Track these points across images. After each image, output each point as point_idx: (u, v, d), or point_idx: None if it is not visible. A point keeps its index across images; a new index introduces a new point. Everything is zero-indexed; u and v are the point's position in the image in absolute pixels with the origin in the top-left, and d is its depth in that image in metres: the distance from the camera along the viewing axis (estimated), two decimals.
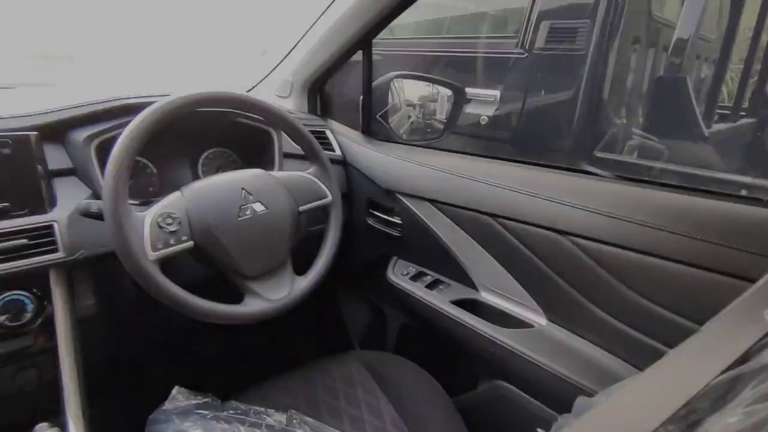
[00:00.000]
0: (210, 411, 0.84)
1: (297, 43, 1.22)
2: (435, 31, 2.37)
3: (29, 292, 0.70)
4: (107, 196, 0.65)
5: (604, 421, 0.35)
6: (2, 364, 0.71)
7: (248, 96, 0.83)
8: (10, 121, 0.76)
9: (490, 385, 0.95)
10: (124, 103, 0.85)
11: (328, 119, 1.29)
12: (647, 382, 0.39)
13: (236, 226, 0.76)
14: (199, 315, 0.71)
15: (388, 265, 1.13)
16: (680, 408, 0.32)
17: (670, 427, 0.31)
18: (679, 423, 0.32)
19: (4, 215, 0.71)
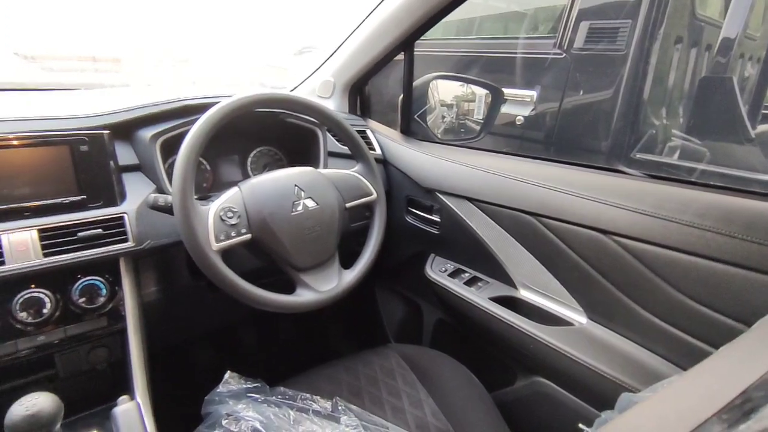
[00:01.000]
0: (260, 395, 0.89)
1: (339, 45, 1.26)
2: (464, 32, 2.38)
3: (103, 278, 0.76)
4: (177, 191, 0.70)
5: (651, 415, 0.36)
6: (78, 343, 0.77)
7: (302, 98, 0.87)
8: (86, 120, 0.82)
9: (529, 381, 0.96)
10: (186, 103, 0.90)
11: (367, 119, 1.33)
12: (695, 378, 0.40)
13: (290, 220, 0.80)
14: (256, 303, 0.75)
15: (426, 261, 1.16)
16: (729, 403, 0.33)
17: (717, 423, 0.32)
18: (728, 417, 0.32)
19: (82, 207, 0.77)
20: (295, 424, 0.83)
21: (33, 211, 0.73)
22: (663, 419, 0.34)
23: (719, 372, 0.40)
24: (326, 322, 1.46)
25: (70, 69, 2.60)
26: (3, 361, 0.70)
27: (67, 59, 2.68)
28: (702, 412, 0.32)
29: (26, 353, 0.72)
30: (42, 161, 0.75)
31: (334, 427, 0.84)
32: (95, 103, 0.92)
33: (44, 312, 0.71)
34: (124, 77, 2.83)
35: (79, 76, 2.66)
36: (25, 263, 0.69)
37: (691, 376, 0.41)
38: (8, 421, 0.53)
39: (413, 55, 1.16)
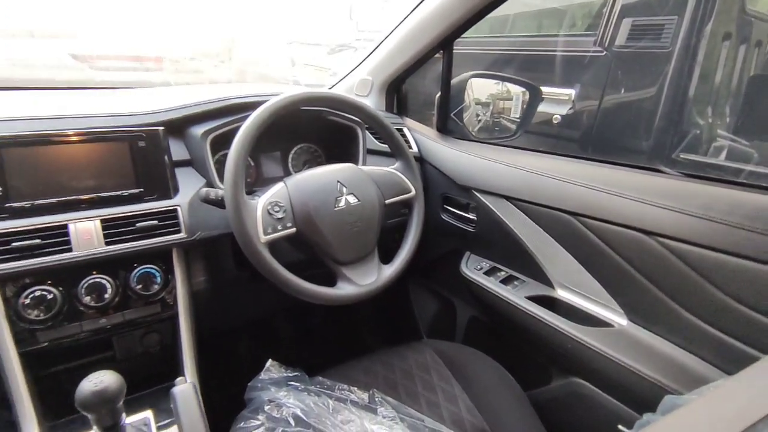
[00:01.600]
0: (300, 383, 0.92)
1: (378, 45, 1.28)
2: (497, 30, 2.35)
3: (157, 266, 0.81)
4: (229, 185, 0.73)
5: (697, 418, 0.35)
6: (133, 327, 0.82)
7: (346, 96, 0.89)
8: (142, 118, 0.87)
9: (565, 382, 0.96)
10: (235, 102, 0.94)
11: (404, 117, 1.35)
12: (743, 382, 0.40)
13: (333, 215, 0.82)
14: (300, 294, 0.78)
15: (461, 259, 1.17)
16: None
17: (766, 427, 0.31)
18: None
19: (139, 199, 0.82)
20: (334, 412, 0.86)
21: (96, 202, 0.78)
22: (710, 422, 0.34)
23: (765, 380, 0.40)
24: (359, 316, 1.49)
25: (117, 68, 2.73)
26: (68, 341, 0.75)
27: (114, 59, 2.81)
28: (750, 416, 0.31)
29: (89, 335, 0.77)
30: (104, 156, 0.80)
31: (371, 417, 0.86)
32: (149, 101, 0.97)
33: (105, 297, 0.76)
34: (166, 75, 2.95)
35: (125, 75, 2.79)
36: (90, 251, 0.74)
37: (739, 380, 0.40)
38: (78, 394, 0.57)
39: (452, 54, 1.16)
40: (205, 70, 3.66)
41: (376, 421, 0.86)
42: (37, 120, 0.81)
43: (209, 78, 3.72)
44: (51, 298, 0.71)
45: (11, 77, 2.35)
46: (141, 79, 2.81)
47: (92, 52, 2.61)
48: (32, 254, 0.70)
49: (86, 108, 0.88)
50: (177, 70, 3.25)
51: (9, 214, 0.71)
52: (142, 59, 2.83)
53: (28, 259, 0.70)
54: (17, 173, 0.72)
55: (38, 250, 0.71)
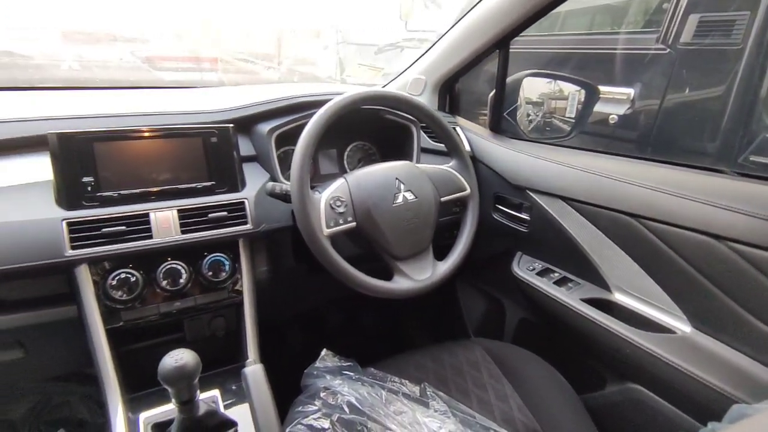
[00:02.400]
0: (354, 373, 0.95)
1: (433, 44, 1.30)
2: (546, 28, 2.30)
3: (225, 255, 0.86)
4: (295, 180, 0.77)
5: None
6: (202, 312, 0.88)
7: (405, 95, 0.91)
8: (214, 115, 0.93)
9: (622, 387, 0.94)
10: (300, 101, 0.98)
11: (455, 116, 1.35)
12: None
13: (391, 211, 0.85)
14: (360, 287, 0.81)
15: (513, 259, 1.16)
16: None
17: None
18: None
19: (211, 192, 0.87)
20: (386, 403, 0.88)
21: (173, 193, 0.84)
22: None
23: None
24: (406, 312, 1.51)
25: (178, 69, 2.88)
26: (146, 321, 0.82)
27: (175, 60, 2.97)
28: None
29: (164, 316, 0.83)
30: (180, 150, 0.86)
31: (423, 410, 0.88)
32: (216, 100, 1.03)
33: (180, 282, 0.81)
34: (222, 76, 3.08)
35: (185, 75, 2.95)
36: (168, 238, 0.80)
37: None
38: (161, 369, 0.62)
39: (508, 54, 1.16)
40: (259, 71, 3.80)
41: (428, 414, 0.87)
42: (122, 117, 0.88)
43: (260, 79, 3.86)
44: (133, 280, 0.78)
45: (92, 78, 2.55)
46: (198, 79, 2.96)
47: (157, 54, 2.78)
48: (118, 240, 0.77)
49: (162, 106, 0.95)
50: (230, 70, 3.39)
51: (99, 203, 0.78)
52: (200, 60, 2.98)
53: (115, 244, 0.77)
54: (106, 165, 0.79)
55: (123, 236, 0.77)
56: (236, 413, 0.77)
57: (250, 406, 0.62)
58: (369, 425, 0.83)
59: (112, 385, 0.76)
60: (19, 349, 0.83)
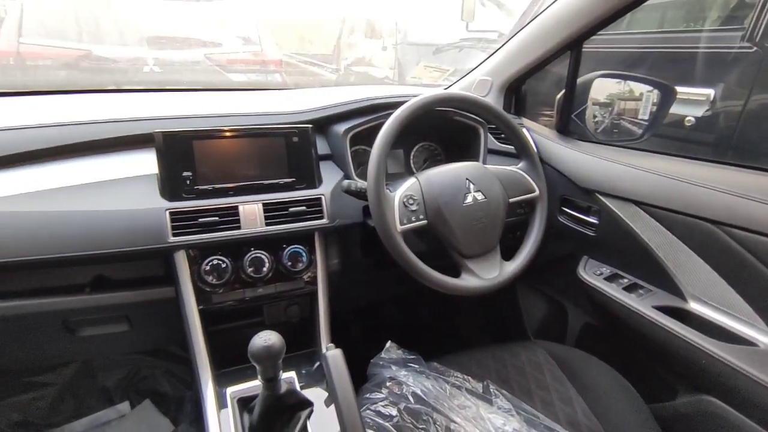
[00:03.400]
0: (418, 366, 0.98)
1: (500, 46, 1.30)
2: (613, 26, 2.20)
3: (303, 247, 0.92)
4: (372, 178, 0.81)
5: None
6: (280, 299, 0.95)
7: (478, 97, 0.94)
8: (295, 116, 1.00)
9: (695, 399, 0.91)
10: (375, 102, 1.03)
11: (521, 117, 1.35)
12: None
13: (461, 210, 0.87)
14: (430, 282, 0.84)
15: (579, 263, 1.15)
16: None
17: None
18: None
19: (291, 188, 0.94)
20: (450, 397, 0.91)
21: (259, 188, 0.91)
22: None
23: None
24: (463, 310, 1.53)
25: (245, 71, 3.05)
26: (232, 304, 0.89)
27: (243, 62, 3.14)
28: None
29: (247, 301, 0.90)
30: (265, 148, 0.93)
31: (486, 407, 0.90)
32: (293, 102, 1.10)
33: (263, 270, 0.88)
34: (285, 77, 3.23)
35: (251, 76, 3.12)
36: (254, 229, 0.87)
37: None
38: (251, 348, 0.68)
39: (581, 55, 1.14)
40: (318, 72, 3.94)
41: (492, 411, 0.89)
42: (215, 117, 0.97)
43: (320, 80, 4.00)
44: (224, 267, 0.85)
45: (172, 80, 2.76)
46: (264, 80, 3.12)
47: (228, 57, 2.95)
48: (211, 229, 0.85)
49: (245, 107, 1.03)
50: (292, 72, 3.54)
51: (196, 195, 0.86)
52: (266, 63, 3.13)
53: (209, 233, 0.84)
54: (203, 161, 0.87)
55: (216, 226, 0.85)
56: (311, 395, 0.82)
57: (330, 388, 0.67)
58: (434, 416, 0.86)
59: (204, 361, 0.84)
60: (126, 323, 0.93)
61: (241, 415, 0.80)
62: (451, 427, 0.85)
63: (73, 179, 0.85)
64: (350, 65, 4.57)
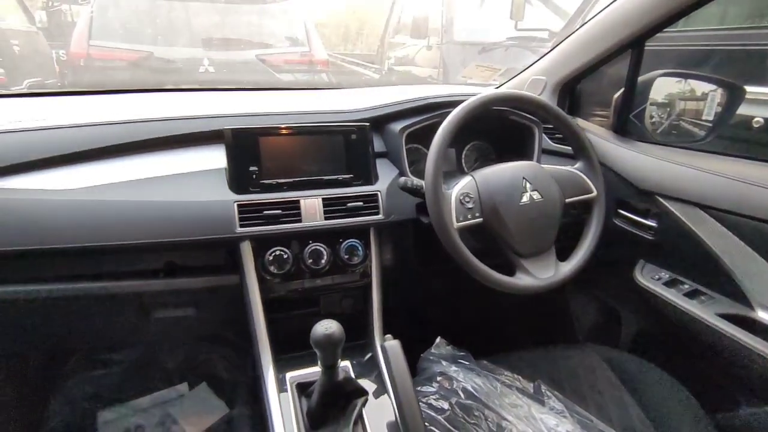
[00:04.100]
0: (468, 362, 0.99)
1: (557, 44, 1.28)
2: None
3: (359, 241, 0.95)
4: (429, 176, 0.83)
5: None
6: (335, 291, 0.98)
7: (536, 97, 0.93)
8: (352, 114, 1.03)
9: (760, 410, 0.87)
10: (431, 101, 1.05)
11: (576, 118, 1.32)
12: None
13: (517, 209, 0.87)
14: (484, 279, 0.85)
15: (635, 267, 1.12)
16: None
17: None
18: None
19: (349, 184, 0.97)
20: (501, 395, 0.92)
21: (319, 184, 0.95)
22: None
23: None
24: (510, 310, 1.51)
25: (294, 71, 3.14)
26: (292, 294, 0.93)
27: (291, 62, 3.24)
28: None
29: (306, 291, 0.94)
30: (325, 146, 0.96)
31: (538, 407, 0.90)
32: (349, 101, 1.13)
33: (322, 262, 0.92)
34: (331, 77, 3.30)
35: (299, 76, 3.21)
36: (314, 223, 0.91)
37: None
38: (313, 335, 0.71)
39: (642, 54, 1.11)
40: (362, 72, 4.00)
41: (544, 411, 0.89)
42: (277, 115, 1.01)
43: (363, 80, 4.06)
44: (285, 258, 0.90)
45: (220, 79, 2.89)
46: (311, 79, 3.21)
47: (276, 57, 3.05)
48: (275, 221, 0.89)
49: (303, 106, 1.07)
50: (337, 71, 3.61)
51: (261, 188, 0.91)
52: (313, 63, 3.21)
53: (272, 225, 0.89)
54: (268, 156, 0.92)
55: (279, 219, 0.89)
56: (363, 385, 0.85)
57: (389, 377, 0.69)
58: (485, 413, 0.87)
59: (265, 346, 0.89)
60: (193, 307, 1.00)
61: (299, 400, 0.83)
62: (502, 424, 0.85)
63: (148, 172, 0.91)
64: (393, 65, 4.60)
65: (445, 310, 1.48)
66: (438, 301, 1.47)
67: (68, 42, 3.10)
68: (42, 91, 1.31)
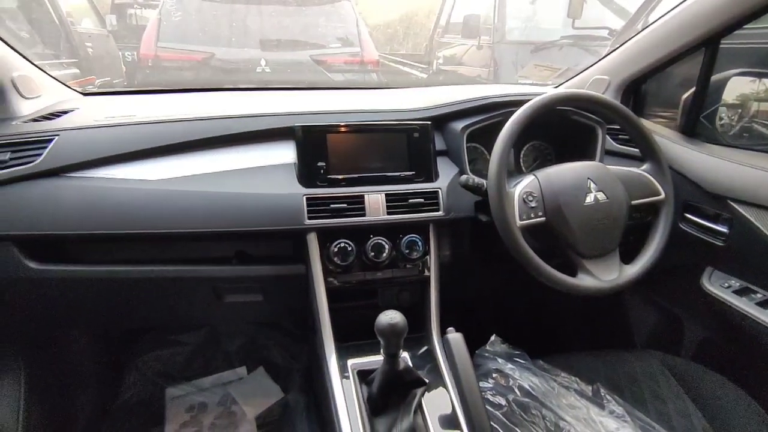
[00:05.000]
0: (524, 361, 1.00)
1: (621, 44, 1.25)
2: None
3: (419, 236, 0.97)
4: (493, 174, 0.84)
5: None
6: (394, 284, 1.01)
7: (604, 96, 0.92)
8: (415, 113, 1.05)
9: None
10: (492, 101, 1.06)
11: (639, 118, 1.29)
12: None
13: (582, 210, 0.87)
14: (546, 278, 0.85)
15: (702, 274, 1.08)
16: None
17: None
18: None
19: (410, 181, 0.99)
20: (558, 396, 0.91)
21: (381, 180, 0.98)
22: None
23: None
24: (563, 311, 1.49)
25: (344, 70, 3.21)
26: (353, 285, 0.97)
27: (343, 62, 3.31)
28: None
29: (366, 283, 0.98)
30: (388, 143, 1.00)
31: (597, 411, 0.89)
32: (408, 100, 1.15)
33: (383, 255, 0.95)
34: (382, 77, 3.34)
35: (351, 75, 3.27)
36: (377, 217, 0.94)
37: None
38: (378, 324, 0.74)
39: (717, 52, 1.07)
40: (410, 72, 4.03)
41: (603, 415, 0.88)
42: (342, 113, 1.05)
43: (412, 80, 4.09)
44: (349, 250, 0.93)
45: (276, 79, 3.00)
46: (362, 79, 3.27)
47: (329, 58, 3.14)
48: (340, 215, 0.93)
49: (366, 104, 1.10)
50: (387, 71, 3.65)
51: (328, 183, 0.95)
52: (364, 63, 3.27)
53: (338, 218, 0.93)
54: (335, 153, 0.96)
55: (344, 212, 0.93)
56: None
57: (453, 370, 0.71)
58: (543, 412, 0.87)
59: (328, 333, 0.93)
60: (261, 293, 1.06)
61: (360, 386, 0.87)
62: (560, 424, 0.86)
63: (223, 166, 0.98)
64: (441, 65, 4.60)
65: (498, 308, 1.48)
66: (491, 299, 1.47)
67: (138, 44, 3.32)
68: (126, 90, 1.42)
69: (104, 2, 4.98)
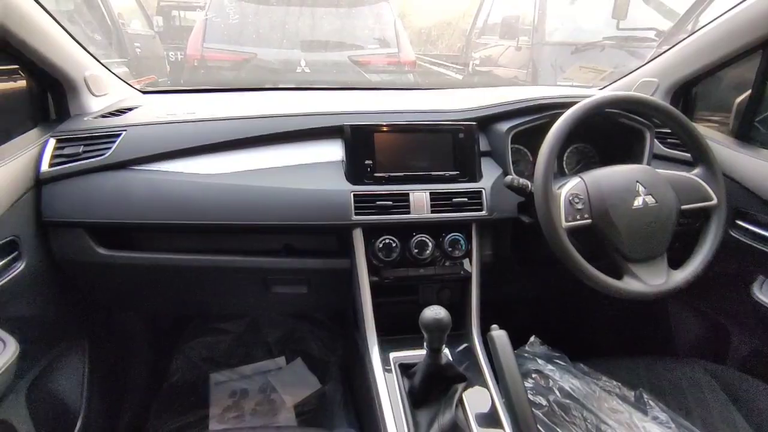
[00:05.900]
0: (564, 363, 1.00)
1: (672, 45, 1.23)
2: None
3: (462, 235, 0.99)
4: (540, 175, 0.85)
5: None
6: (435, 281, 1.03)
7: (655, 99, 0.92)
8: (461, 114, 1.07)
9: None
10: (538, 102, 1.06)
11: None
12: None
13: (630, 213, 0.86)
14: (592, 282, 0.85)
15: (753, 282, 1.05)
16: None
17: None
18: None
19: (455, 180, 1.01)
20: (600, 400, 0.91)
21: (426, 179, 1.00)
22: None
23: None
24: (602, 316, 1.47)
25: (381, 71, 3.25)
26: (395, 281, 0.99)
27: (380, 63, 3.35)
28: None
29: (408, 279, 1.00)
30: (434, 143, 1.02)
31: (640, 417, 0.88)
32: (452, 101, 1.17)
33: (426, 253, 0.97)
34: (418, 78, 3.36)
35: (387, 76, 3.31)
36: (421, 215, 0.97)
37: None
38: (422, 318, 0.76)
39: None
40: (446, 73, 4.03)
41: (647, 420, 0.87)
42: (388, 113, 1.08)
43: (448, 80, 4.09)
44: (394, 246, 0.96)
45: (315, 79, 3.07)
46: (398, 79, 3.30)
47: (367, 58, 3.18)
48: (386, 212, 0.96)
49: (410, 105, 1.13)
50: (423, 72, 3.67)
51: (374, 181, 0.98)
52: (401, 64, 3.30)
53: (383, 215, 0.96)
54: (381, 151, 0.99)
55: (389, 210, 0.96)
56: None
57: (497, 366, 0.72)
58: (584, 414, 0.88)
59: (371, 327, 0.96)
60: (306, 285, 1.10)
61: (402, 379, 0.89)
62: (601, 427, 0.85)
63: (275, 162, 1.02)
64: (477, 66, 4.57)
65: (537, 310, 1.47)
66: (531, 300, 1.47)
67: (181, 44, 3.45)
68: (179, 88, 1.50)
69: (150, 4, 5.20)
